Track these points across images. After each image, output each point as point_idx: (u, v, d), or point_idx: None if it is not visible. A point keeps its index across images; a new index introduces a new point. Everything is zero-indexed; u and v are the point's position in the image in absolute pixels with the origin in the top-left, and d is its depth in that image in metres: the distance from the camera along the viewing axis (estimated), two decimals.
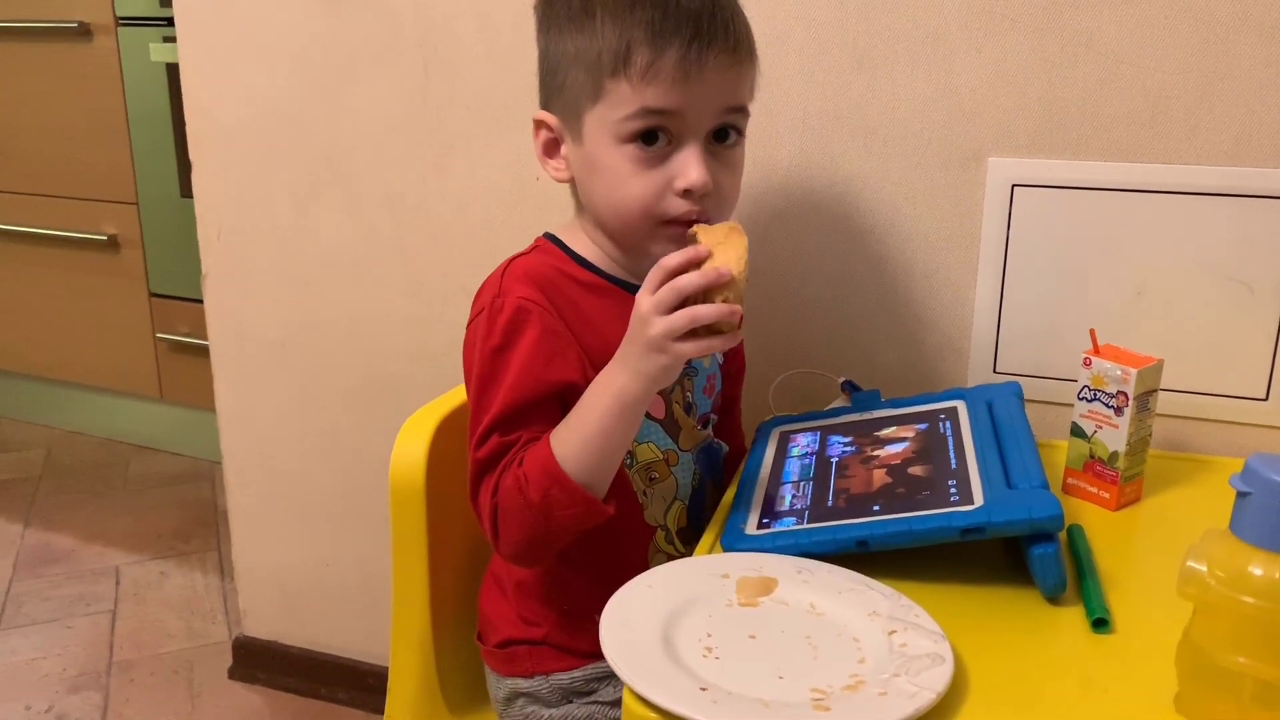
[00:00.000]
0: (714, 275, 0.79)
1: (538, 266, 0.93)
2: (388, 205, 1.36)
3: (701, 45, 0.84)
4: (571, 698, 0.96)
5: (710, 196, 0.88)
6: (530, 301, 0.88)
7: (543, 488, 0.82)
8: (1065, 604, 0.78)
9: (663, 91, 0.84)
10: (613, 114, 0.86)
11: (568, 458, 0.83)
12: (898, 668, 0.67)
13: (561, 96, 0.90)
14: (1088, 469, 0.96)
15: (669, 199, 0.87)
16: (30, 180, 2.35)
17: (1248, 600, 0.61)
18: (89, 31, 2.17)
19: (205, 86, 1.43)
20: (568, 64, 0.88)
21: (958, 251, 1.12)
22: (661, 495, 0.97)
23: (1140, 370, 0.92)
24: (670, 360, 0.81)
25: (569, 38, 0.88)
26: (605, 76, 0.85)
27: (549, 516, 0.83)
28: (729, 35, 0.86)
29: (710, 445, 1.01)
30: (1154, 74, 1.02)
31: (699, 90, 0.85)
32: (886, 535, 0.80)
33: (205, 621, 1.83)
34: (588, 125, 0.88)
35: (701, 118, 0.87)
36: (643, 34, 0.84)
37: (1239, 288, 1.04)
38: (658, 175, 0.87)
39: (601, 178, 0.89)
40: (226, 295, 1.50)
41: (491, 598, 1.02)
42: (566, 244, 0.96)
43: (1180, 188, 1.03)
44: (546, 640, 0.97)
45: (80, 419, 2.61)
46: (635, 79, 0.84)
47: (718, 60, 0.85)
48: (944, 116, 1.09)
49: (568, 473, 0.82)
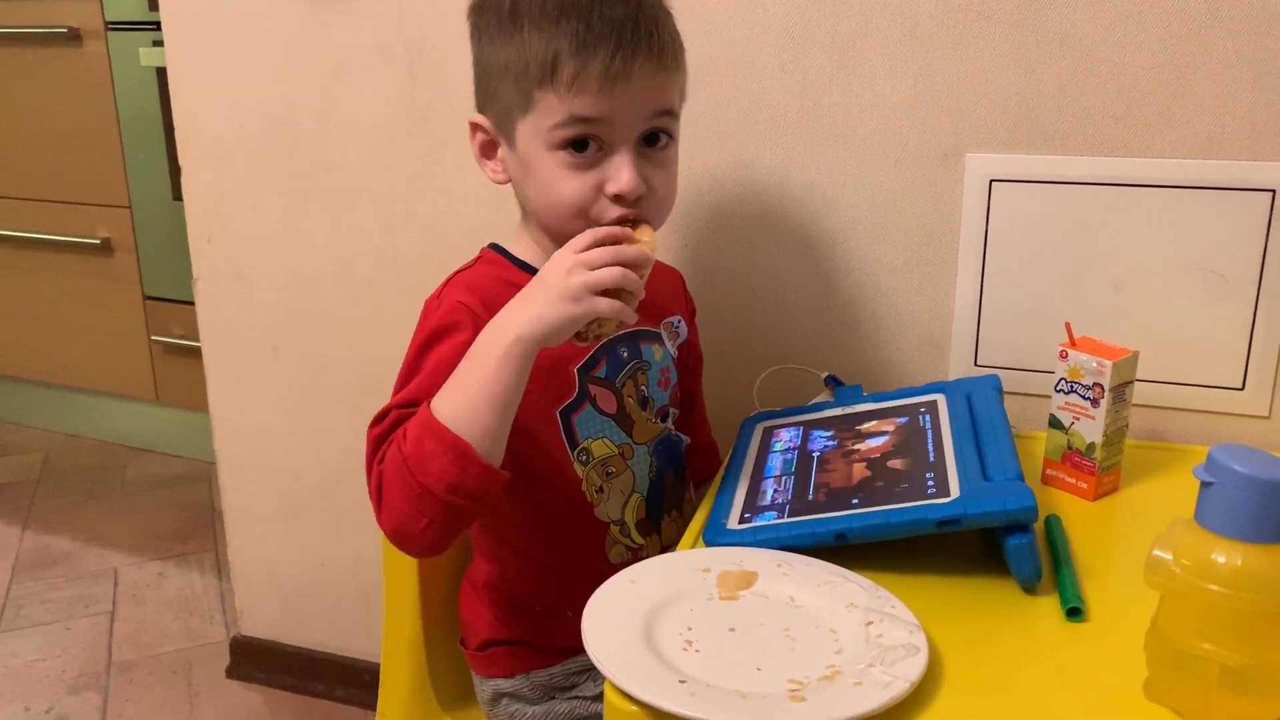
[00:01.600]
0: (644, 255, 0.84)
1: (479, 278, 0.95)
2: (377, 208, 1.38)
3: (626, 54, 0.85)
4: (553, 694, 0.98)
5: (645, 198, 0.89)
6: (464, 307, 0.90)
7: (416, 440, 0.81)
8: (1041, 594, 0.80)
9: (589, 101, 0.86)
10: (543, 123, 0.87)
11: (447, 409, 0.81)
12: (873, 658, 0.69)
13: (494, 104, 0.91)
14: (1066, 460, 0.97)
15: (602, 203, 0.89)
16: (23, 185, 2.36)
17: (1212, 588, 0.62)
18: (79, 36, 2.18)
19: (194, 91, 1.44)
20: (498, 73, 0.90)
21: (937, 247, 1.14)
22: (619, 489, 0.98)
23: (1116, 362, 0.93)
24: (581, 312, 0.81)
25: (498, 47, 0.89)
26: (534, 87, 0.87)
27: (423, 469, 0.80)
28: (653, 43, 0.87)
29: (668, 438, 1.02)
30: (1128, 69, 1.03)
31: (625, 98, 0.86)
32: (865, 528, 0.82)
33: (203, 622, 1.84)
34: (520, 133, 0.90)
35: (630, 124, 0.88)
36: (568, 45, 0.85)
37: (1215, 279, 1.05)
38: (589, 179, 0.88)
39: (536, 182, 0.91)
40: (218, 299, 1.52)
41: (469, 602, 1.04)
42: (510, 252, 0.98)
43: (1156, 181, 1.05)
44: (523, 640, 0.99)
45: (77, 422, 2.62)
46: (562, 90, 0.86)
47: (643, 68, 0.87)
48: (922, 114, 1.10)
49: (444, 423, 0.80)
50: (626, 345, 0.98)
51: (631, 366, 0.98)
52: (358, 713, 1.60)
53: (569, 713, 0.97)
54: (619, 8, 0.86)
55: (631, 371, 0.98)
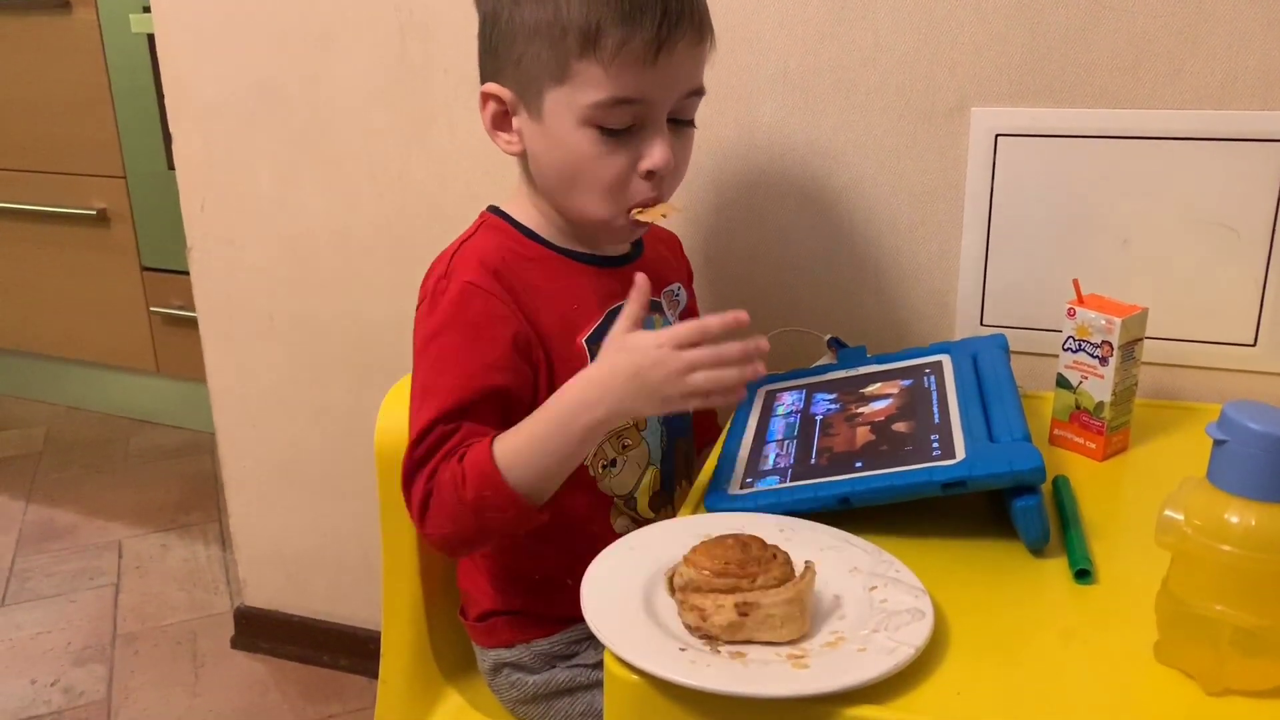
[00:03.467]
0: (747, 354, 0.81)
1: (487, 249, 0.92)
2: (370, 174, 1.35)
3: (670, 24, 0.83)
4: (554, 662, 0.97)
5: (668, 177, 0.88)
6: (475, 289, 0.87)
7: (477, 488, 0.81)
8: (1049, 556, 0.78)
9: (633, 77, 0.83)
10: (580, 97, 0.84)
11: (514, 466, 0.81)
12: (877, 624, 0.67)
13: (518, 70, 0.87)
14: (1074, 419, 0.96)
15: (633, 181, 0.87)
16: (17, 156, 2.34)
17: (1224, 548, 0.61)
18: (68, 4, 2.15)
19: (182, 58, 1.41)
20: (525, 36, 0.85)
21: (942, 204, 1.11)
22: (635, 462, 0.96)
23: (1124, 319, 0.91)
24: (672, 410, 0.82)
25: (526, 7, 0.85)
26: (572, 57, 0.83)
27: (480, 517, 0.82)
28: (694, 13, 0.85)
29: None
30: (1137, 18, 1.00)
31: (667, 73, 0.84)
32: (869, 491, 0.80)
33: (207, 592, 1.84)
34: (549, 103, 0.86)
35: (667, 100, 0.86)
36: (612, 13, 0.82)
37: (1225, 233, 1.03)
38: (623, 157, 0.86)
39: (562, 156, 0.88)
40: (213, 268, 1.50)
41: (468, 573, 1.03)
42: (513, 216, 0.95)
43: (1165, 133, 1.02)
44: (523, 610, 0.98)
45: (79, 395, 2.62)
46: (606, 61, 0.82)
47: (686, 40, 0.85)
48: (926, 67, 1.08)
49: (508, 481, 0.81)
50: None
51: None
52: (362, 681, 1.60)
53: (569, 680, 0.96)
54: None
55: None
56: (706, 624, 0.66)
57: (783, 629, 0.66)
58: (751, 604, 0.66)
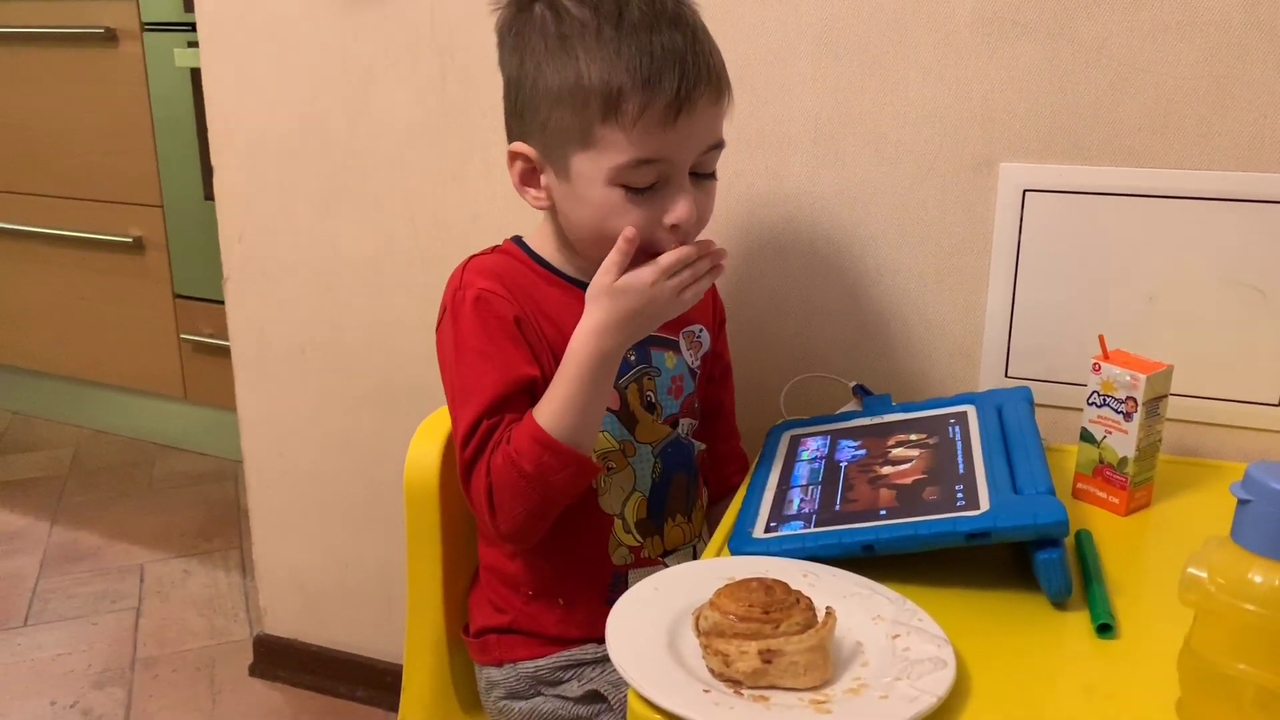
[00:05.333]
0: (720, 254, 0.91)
1: (498, 264, 0.96)
2: (406, 211, 1.38)
3: (689, 85, 0.85)
4: (539, 688, 0.98)
5: (692, 229, 0.91)
6: (488, 291, 0.92)
7: (535, 456, 0.86)
8: (1071, 609, 0.79)
9: (655, 139, 0.85)
10: (605, 160, 0.87)
11: (555, 424, 0.87)
12: (900, 671, 0.68)
13: (544, 133, 0.89)
14: (1097, 474, 0.96)
15: (659, 234, 0.89)
16: (58, 183, 2.39)
17: (1248, 608, 0.61)
18: (115, 37, 2.20)
19: (227, 92, 1.45)
20: (549, 102, 0.88)
21: (970, 257, 1.13)
22: (619, 485, 0.98)
23: (1149, 376, 0.92)
24: (669, 314, 0.90)
25: (548, 72, 0.87)
26: (595, 123, 0.86)
27: (545, 483, 0.87)
28: (710, 71, 0.87)
29: (679, 441, 1.02)
30: (1166, 79, 1.02)
31: (687, 132, 0.87)
32: (893, 540, 0.81)
33: (227, 619, 1.85)
34: (575, 165, 0.89)
35: (688, 157, 0.89)
36: (630, 79, 0.84)
37: (1251, 293, 1.04)
38: (647, 212, 0.89)
39: (591, 214, 0.90)
40: (248, 298, 1.53)
41: (474, 590, 1.05)
42: (531, 247, 0.98)
43: (1193, 193, 1.03)
44: (513, 626, 0.99)
45: (107, 419, 2.65)
46: (628, 126, 0.85)
47: (705, 99, 0.87)
48: (956, 122, 1.10)
49: (560, 439, 0.86)
50: (635, 349, 0.97)
51: (637, 371, 0.98)
52: (379, 714, 1.60)
53: (552, 713, 0.97)
54: (677, 35, 0.85)
55: (636, 375, 0.98)
56: (730, 669, 0.67)
57: (806, 675, 0.67)
58: (775, 651, 0.67)
